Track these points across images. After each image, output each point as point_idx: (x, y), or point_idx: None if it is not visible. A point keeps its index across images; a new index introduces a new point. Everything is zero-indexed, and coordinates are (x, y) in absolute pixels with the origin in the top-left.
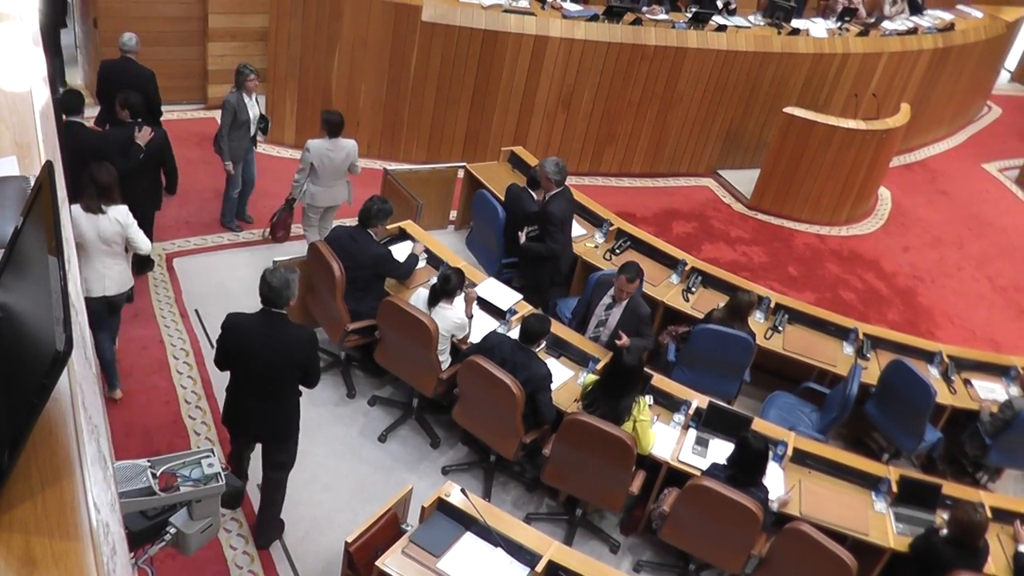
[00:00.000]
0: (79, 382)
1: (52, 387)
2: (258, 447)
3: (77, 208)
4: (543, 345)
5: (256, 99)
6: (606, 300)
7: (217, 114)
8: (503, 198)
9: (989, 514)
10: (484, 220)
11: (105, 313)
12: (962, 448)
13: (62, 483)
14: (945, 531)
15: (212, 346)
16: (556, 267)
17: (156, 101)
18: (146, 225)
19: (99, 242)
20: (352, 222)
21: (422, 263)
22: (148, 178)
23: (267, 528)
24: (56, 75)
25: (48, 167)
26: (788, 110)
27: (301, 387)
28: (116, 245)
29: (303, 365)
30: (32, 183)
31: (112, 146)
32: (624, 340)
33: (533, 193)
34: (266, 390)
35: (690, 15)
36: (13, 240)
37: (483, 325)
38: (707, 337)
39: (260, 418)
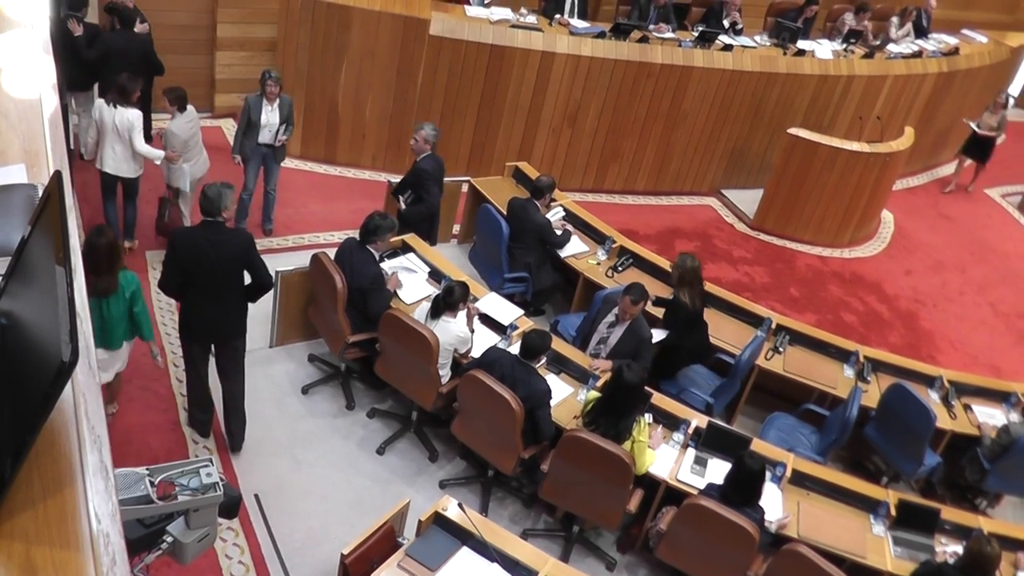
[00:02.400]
0: (82, 392)
1: (57, 397)
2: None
3: (101, 101)
4: (543, 361)
5: (279, 107)
6: (610, 318)
7: (223, 123)
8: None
9: None
10: (487, 234)
11: (116, 185)
12: (962, 473)
13: (64, 492)
14: (952, 560)
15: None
16: (432, 224)
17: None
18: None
19: (113, 130)
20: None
21: (422, 278)
22: (145, 80)
23: (240, 429)
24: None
25: (57, 177)
26: (792, 131)
27: (261, 294)
28: (125, 137)
29: (247, 262)
30: (40, 191)
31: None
32: (597, 363)
33: (537, 203)
34: (218, 292)
35: (696, 34)
36: (20, 248)
37: (484, 340)
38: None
39: (216, 319)
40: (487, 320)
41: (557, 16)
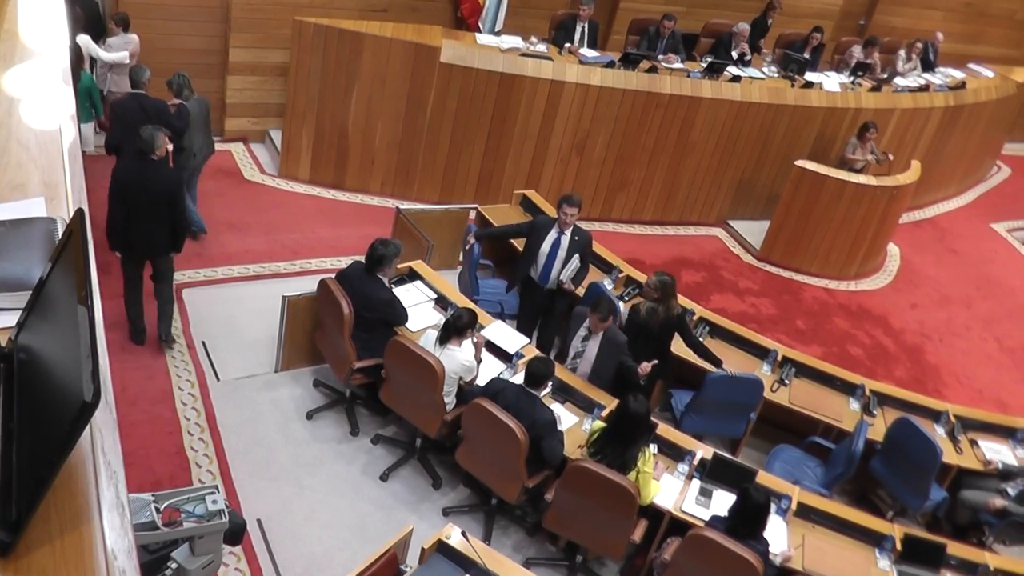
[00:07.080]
0: (99, 427)
1: (78, 436)
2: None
3: None
4: (548, 389)
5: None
6: (582, 332)
7: (233, 147)
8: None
9: None
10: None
11: None
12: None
13: (80, 528)
14: None
15: (218, 379)
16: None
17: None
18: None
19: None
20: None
21: (429, 302)
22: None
23: (168, 321)
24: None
25: (79, 215)
26: (800, 163)
27: (181, 232)
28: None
29: (170, 199)
30: (59, 224)
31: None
32: (646, 367)
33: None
34: (151, 215)
35: (705, 65)
36: (40, 285)
37: (490, 369)
38: (718, 385)
39: (151, 235)
40: (493, 348)
41: (567, 45)
